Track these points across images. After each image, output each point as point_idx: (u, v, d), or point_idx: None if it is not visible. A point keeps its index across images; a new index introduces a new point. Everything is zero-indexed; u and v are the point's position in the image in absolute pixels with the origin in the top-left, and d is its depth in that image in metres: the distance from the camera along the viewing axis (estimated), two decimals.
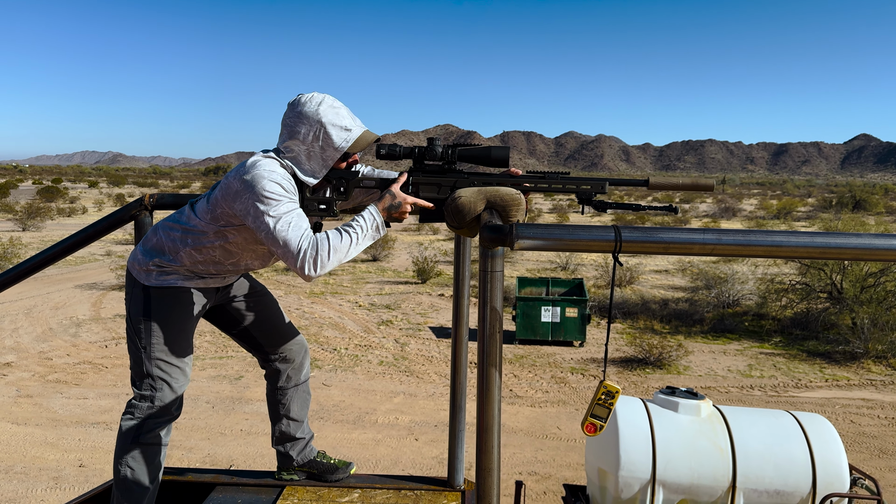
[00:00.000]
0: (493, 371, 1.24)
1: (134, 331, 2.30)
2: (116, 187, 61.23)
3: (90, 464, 6.60)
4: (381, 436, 7.34)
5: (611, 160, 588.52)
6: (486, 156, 1.97)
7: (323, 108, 2.09)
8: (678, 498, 2.95)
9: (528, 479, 6.34)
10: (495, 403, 1.24)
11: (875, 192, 53.42)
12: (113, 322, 12.15)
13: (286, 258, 2.02)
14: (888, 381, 9.65)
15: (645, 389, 9.23)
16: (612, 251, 1.24)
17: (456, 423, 2.57)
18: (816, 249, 1.23)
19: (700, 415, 2.87)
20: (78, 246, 2.28)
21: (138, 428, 2.31)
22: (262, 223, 2.02)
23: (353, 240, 2.02)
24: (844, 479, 2.86)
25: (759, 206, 48.86)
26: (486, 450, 1.26)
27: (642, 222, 30.48)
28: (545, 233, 1.27)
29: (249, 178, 2.04)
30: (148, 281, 2.27)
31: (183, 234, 2.23)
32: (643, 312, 13.48)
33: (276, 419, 2.71)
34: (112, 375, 9.24)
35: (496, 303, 1.26)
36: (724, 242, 1.25)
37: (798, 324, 12.52)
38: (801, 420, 3.15)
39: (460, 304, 2.48)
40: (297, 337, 2.67)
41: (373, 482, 2.63)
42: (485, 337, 1.27)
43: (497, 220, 1.55)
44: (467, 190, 1.69)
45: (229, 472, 2.76)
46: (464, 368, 2.49)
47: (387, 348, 10.87)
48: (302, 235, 2.01)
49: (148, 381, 2.30)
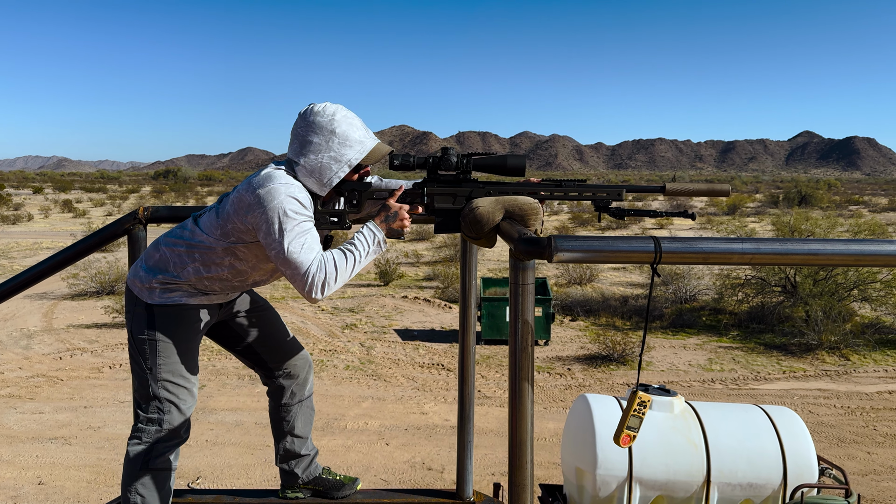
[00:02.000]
0: (526, 385, 1.22)
1: (138, 351, 2.21)
2: (63, 193, 59.34)
3: (49, 481, 6.38)
4: (350, 442, 7.27)
5: (565, 160, 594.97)
6: (502, 165, 1.94)
7: (337, 119, 2.04)
8: (655, 494, 2.98)
9: (502, 479, 6.35)
10: (528, 418, 1.22)
11: (819, 188, 55.11)
12: (66, 333, 11.78)
13: (294, 280, 1.97)
14: (842, 372, 9.96)
15: (610, 385, 9.34)
16: (651, 262, 1.24)
17: (464, 434, 2.54)
18: (851, 257, 1.25)
19: (673, 411, 2.91)
20: (70, 261, 2.19)
21: (147, 453, 2.22)
22: (275, 241, 1.96)
23: (356, 259, 1.99)
24: (813, 470, 2.93)
25: (710, 202, 49.93)
26: (519, 465, 1.23)
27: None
28: (585, 245, 1.26)
29: (265, 192, 1.97)
30: (151, 299, 2.18)
31: (188, 249, 2.15)
32: (604, 310, 13.65)
33: (279, 436, 2.63)
34: (68, 388, 8.94)
35: (528, 315, 1.24)
36: (763, 252, 1.25)
37: (754, 318, 12.82)
38: (771, 413, 3.22)
39: (467, 312, 2.45)
40: (301, 352, 2.61)
41: (381, 497, 2.58)
42: (517, 351, 1.24)
43: (518, 229, 1.53)
44: (484, 200, 1.67)
45: (231, 493, 2.68)
46: (472, 378, 2.46)
47: (352, 352, 10.78)
48: (313, 258, 1.96)
49: (155, 404, 2.21)
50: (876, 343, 11.19)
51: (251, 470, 6.58)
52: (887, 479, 6.50)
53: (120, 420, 7.80)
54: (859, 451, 7.15)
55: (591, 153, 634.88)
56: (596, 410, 3.01)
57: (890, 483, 6.42)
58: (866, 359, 10.57)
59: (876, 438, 7.49)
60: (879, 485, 6.39)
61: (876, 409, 8.40)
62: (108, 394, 8.72)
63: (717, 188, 1.88)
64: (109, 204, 44.09)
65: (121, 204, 43.85)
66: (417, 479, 6.41)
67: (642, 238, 1.29)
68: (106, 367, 9.86)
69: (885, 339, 11.61)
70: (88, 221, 29.62)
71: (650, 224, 31.68)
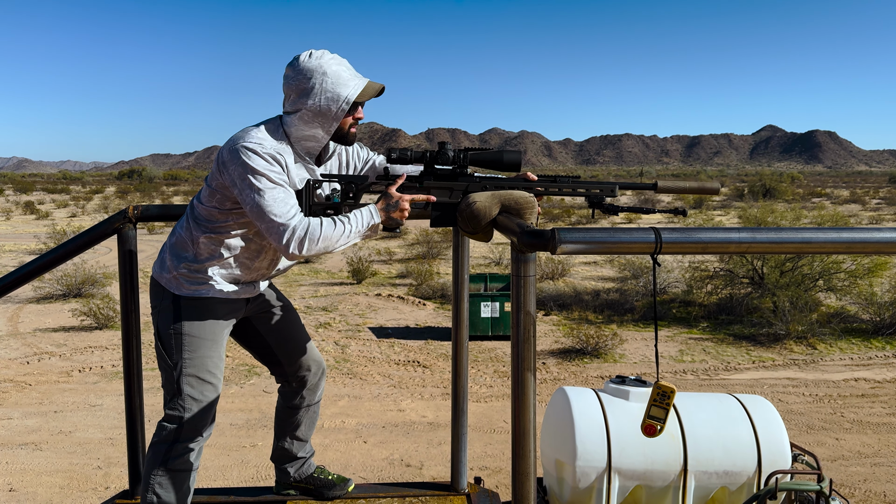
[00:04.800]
0: (529, 375, 1.23)
1: (164, 346, 2.17)
2: (24, 194, 57.99)
3: (21, 487, 6.25)
4: (328, 440, 7.24)
5: (534, 155, 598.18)
6: (498, 160, 1.96)
7: (325, 60, 2.05)
8: (633, 484, 3.04)
9: (481, 473, 6.38)
10: (531, 408, 1.24)
11: (783, 181, 56.21)
12: (34, 337, 11.53)
13: (270, 233, 1.96)
14: (809, 360, 10.19)
15: (585, 378, 9.44)
16: (651, 252, 1.26)
17: (458, 427, 2.56)
18: (843, 244, 1.28)
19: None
20: (58, 262, 2.15)
21: (168, 451, 2.18)
22: (247, 195, 1.97)
23: (345, 230, 1.98)
24: (787, 457, 3.01)
25: (677, 197, 50.63)
26: (522, 455, 1.25)
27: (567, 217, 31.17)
28: (587, 237, 1.28)
29: (236, 147, 1.99)
30: (179, 290, 2.16)
31: (195, 223, 2.15)
32: (577, 304, 13.77)
33: (280, 435, 2.62)
34: (37, 393, 8.76)
35: (530, 307, 1.26)
36: (759, 241, 1.28)
37: (723, 309, 13.05)
38: (744, 402, 3.30)
39: (460, 306, 2.47)
40: (317, 358, 2.59)
41: (376, 491, 2.59)
42: (519, 342, 1.26)
43: (517, 222, 1.55)
44: (481, 194, 1.68)
45: (225, 491, 2.66)
46: (465, 372, 2.48)
47: (327, 351, 10.73)
48: (288, 211, 1.96)
49: (178, 400, 2.18)
50: (841, 332, 11.47)
51: (228, 471, 6.52)
52: (855, 464, 6.67)
53: (91, 424, 7.67)
54: (828, 438, 7.32)
55: (559, 149, 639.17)
56: (575, 403, 3.05)
57: (858, 468, 6.60)
58: (832, 347, 10.82)
59: (843, 425, 7.68)
60: (848, 469, 6.56)
61: (843, 397, 8.61)
62: (79, 398, 8.57)
63: (708, 186, 1.91)
64: (73, 205, 43.20)
65: (85, 205, 42.99)
66: (396, 476, 6.41)
67: (643, 229, 1.31)
68: (75, 370, 9.68)
69: (850, 327, 11.90)
70: (52, 223, 29.00)
71: (618, 219, 32.01)
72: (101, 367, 9.82)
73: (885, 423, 7.70)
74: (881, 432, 7.46)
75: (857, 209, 40.49)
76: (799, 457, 3.17)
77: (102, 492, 6.12)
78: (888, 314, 11.55)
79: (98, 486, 6.23)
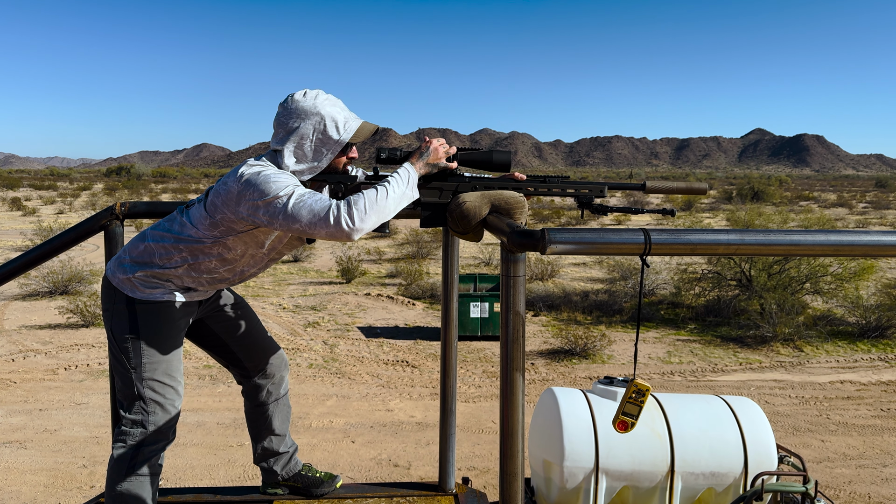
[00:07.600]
0: (518, 375, 1.23)
1: (120, 350, 2.13)
2: (11, 191, 57.54)
3: (5, 486, 6.19)
4: (316, 440, 7.22)
5: (524, 156, 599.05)
6: (488, 160, 1.96)
7: (320, 101, 2.04)
8: (620, 485, 3.05)
9: (469, 473, 6.38)
10: (519, 409, 1.24)
11: (771, 184, 56.60)
12: (18, 334, 11.43)
13: (319, 225, 1.87)
14: (796, 363, 10.26)
15: (573, 379, 9.46)
16: (641, 253, 1.26)
17: (447, 427, 2.55)
18: (831, 247, 1.29)
19: None
20: (44, 258, 2.13)
21: (132, 457, 2.15)
22: (276, 209, 1.90)
23: (388, 192, 1.90)
24: (773, 458, 3.04)
25: (665, 199, 50.85)
26: (510, 454, 1.25)
27: (557, 217, 31.24)
28: (577, 237, 1.28)
29: (248, 175, 1.96)
30: (133, 293, 2.12)
31: (175, 242, 2.10)
32: (566, 305, 13.80)
33: (257, 437, 2.59)
34: (22, 391, 8.69)
35: (519, 307, 1.26)
36: (747, 242, 1.29)
37: (711, 311, 13.11)
38: (731, 404, 3.32)
39: (449, 306, 2.46)
40: (277, 351, 2.57)
41: (363, 491, 2.58)
42: (508, 342, 1.26)
43: (508, 222, 1.55)
44: (471, 194, 1.68)
45: (211, 490, 2.64)
46: (454, 371, 2.48)
47: (315, 350, 10.70)
48: (321, 198, 1.90)
49: (139, 405, 2.15)
50: (828, 334, 11.56)
51: (214, 470, 6.49)
52: (840, 466, 6.72)
53: (77, 423, 7.62)
54: (813, 440, 7.37)
55: (549, 150, 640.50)
56: (563, 404, 3.06)
57: (843, 469, 6.65)
58: (819, 350, 10.90)
59: (829, 427, 7.73)
60: (833, 471, 6.61)
61: (829, 399, 8.67)
62: (64, 396, 8.50)
63: (695, 186, 1.92)
64: (60, 202, 42.88)
65: (72, 202, 42.69)
66: (384, 475, 6.40)
67: (633, 230, 1.32)
68: (61, 368, 9.61)
69: (836, 330, 11.99)
70: (39, 220, 28.76)
71: (608, 220, 32.11)
72: (87, 365, 9.75)
73: (870, 426, 7.77)
74: (866, 434, 7.52)
75: (844, 213, 40.80)
76: (785, 458, 3.19)
77: (87, 490, 6.08)
78: (874, 317, 11.64)
79: (83, 485, 6.18)
